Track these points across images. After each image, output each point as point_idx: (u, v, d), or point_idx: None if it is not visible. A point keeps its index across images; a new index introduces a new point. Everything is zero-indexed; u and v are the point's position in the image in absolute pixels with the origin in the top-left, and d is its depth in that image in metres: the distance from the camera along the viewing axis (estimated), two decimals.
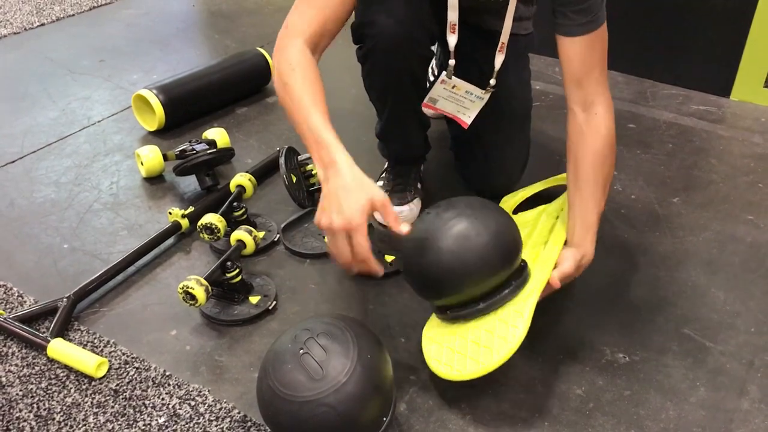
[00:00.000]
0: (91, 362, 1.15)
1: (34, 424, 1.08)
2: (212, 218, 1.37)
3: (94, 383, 1.15)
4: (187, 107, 1.91)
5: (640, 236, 1.50)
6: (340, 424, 0.93)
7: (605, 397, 1.13)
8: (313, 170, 1.54)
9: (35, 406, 1.11)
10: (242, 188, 1.52)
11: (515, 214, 1.48)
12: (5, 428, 1.07)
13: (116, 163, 1.75)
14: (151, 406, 1.11)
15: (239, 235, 1.35)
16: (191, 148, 1.63)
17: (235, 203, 1.46)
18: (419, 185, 1.57)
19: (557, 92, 1.25)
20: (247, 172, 1.56)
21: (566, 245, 1.22)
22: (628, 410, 1.11)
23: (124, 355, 1.20)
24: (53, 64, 2.27)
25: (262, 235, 1.46)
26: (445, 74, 1.36)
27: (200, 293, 1.20)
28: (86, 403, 1.11)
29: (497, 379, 1.14)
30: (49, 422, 1.08)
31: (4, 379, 1.16)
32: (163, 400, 1.12)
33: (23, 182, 1.67)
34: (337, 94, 1.07)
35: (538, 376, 1.16)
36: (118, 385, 1.15)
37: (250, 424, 1.08)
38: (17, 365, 1.18)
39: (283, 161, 1.45)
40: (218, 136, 1.73)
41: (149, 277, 1.39)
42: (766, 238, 1.50)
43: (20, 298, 1.32)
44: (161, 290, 1.35)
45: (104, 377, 1.16)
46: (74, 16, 2.67)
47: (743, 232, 1.52)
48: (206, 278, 1.23)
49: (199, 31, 2.62)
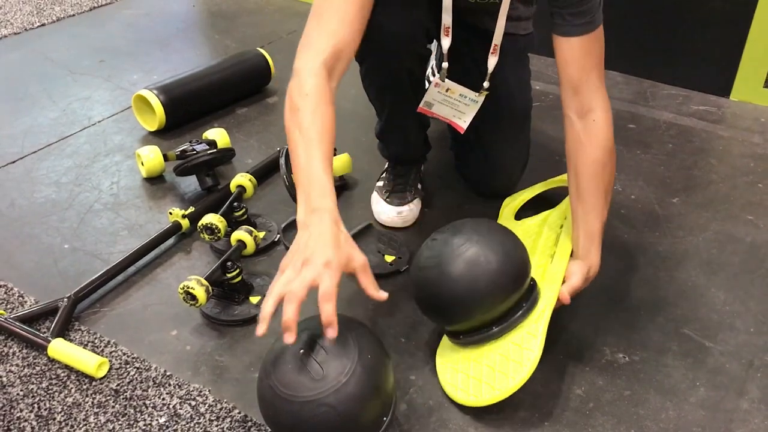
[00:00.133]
0: (91, 362, 1.15)
1: (34, 424, 1.08)
2: (213, 218, 1.37)
3: (94, 383, 1.15)
4: (187, 107, 1.91)
5: (639, 236, 1.50)
6: (340, 424, 0.93)
7: (605, 397, 1.13)
8: None
9: (36, 406, 1.11)
10: (242, 188, 1.52)
11: (518, 219, 1.48)
12: (6, 428, 1.07)
13: (117, 163, 1.75)
14: (151, 406, 1.11)
15: (239, 235, 1.35)
16: (191, 148, 1.63)
17: (235, 203, 1.46)
18: (419, 185, 1.57)
19: (557, 92, 1.26)
20: (247, 172, 1.56)
21: (572, 257, 1.22)
22: (628, 410, 1.11)
23: (124, 355, 1.20)
24: (53, 64, 2.27)
25: (262, 235, 1.46)
26: (438, 77, 1.35)
27: (201, 293, 1.20)
28: (87, 403, 1.12)
29: None
30: (49, 422, 1.08)
31: (5, 379, 1.16)
32: (163, 400, 1.12)
33: (24, 182, 1.67)
34: (336, 94, 1.07)
35: (538, 376, 1.16)
36: (118, 385, 1.15)
37: (250, 424, 1.08)
38: (18, 365, 1.18)
39: (283, 161, 1.44)
40: (218, 136, 1.73)
41: (150, 277, 1.39)
42: (765, 238, 1.50)
43: (21, 298, 1.32)
44: (162, 290, 1.35)
45: (105, 377, 1.16)
46: (74, 16, 2.67)
47: (743, 232, 1.52)
48: (207, 278, 1.23)
49: (199, 31, 2.62)
